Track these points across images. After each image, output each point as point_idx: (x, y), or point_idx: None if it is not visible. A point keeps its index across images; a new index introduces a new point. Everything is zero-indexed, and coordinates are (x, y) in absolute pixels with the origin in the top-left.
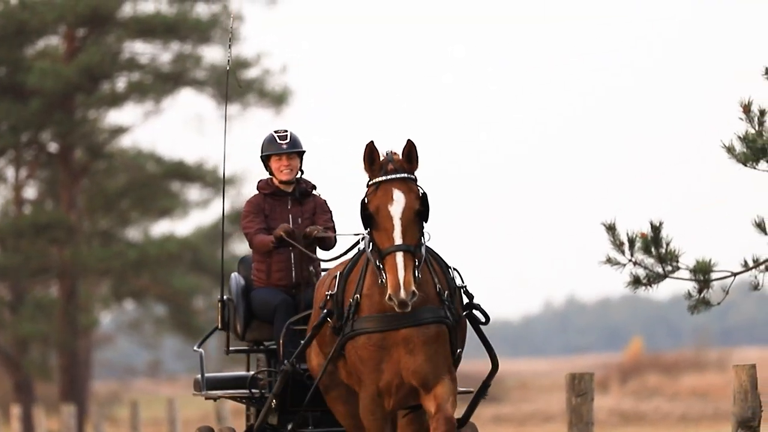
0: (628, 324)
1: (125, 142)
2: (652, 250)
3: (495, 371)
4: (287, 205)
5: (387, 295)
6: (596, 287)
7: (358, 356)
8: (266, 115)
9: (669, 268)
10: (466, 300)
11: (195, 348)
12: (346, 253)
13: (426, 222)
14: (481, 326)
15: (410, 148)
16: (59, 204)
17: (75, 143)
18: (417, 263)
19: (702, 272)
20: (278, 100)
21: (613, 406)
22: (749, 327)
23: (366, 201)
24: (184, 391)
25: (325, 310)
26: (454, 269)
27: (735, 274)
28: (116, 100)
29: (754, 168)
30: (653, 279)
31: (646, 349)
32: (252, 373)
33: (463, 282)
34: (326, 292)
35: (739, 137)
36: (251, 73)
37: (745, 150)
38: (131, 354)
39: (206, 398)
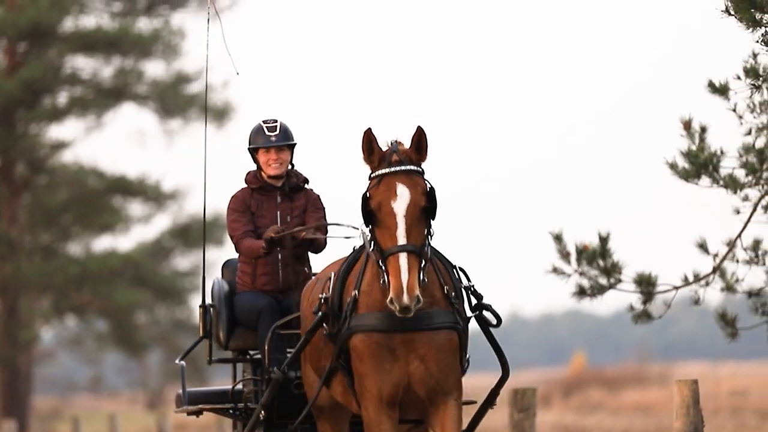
0: (571, 339)
1: (67, 156)
2: (599, 261)
3: (506, 378)
4: (276, 200)
5: (389, 298)
6: (539, 302)
7: (358, 355)
8: (208, 130)
9: (613, 280)
10: (474, 301)
11: (177, 361)
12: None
13: (433, 220)
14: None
15: (420, 137)
16: (0, 219)
17: (16, 158)
18: (422, 264)
19: (645, 285)
20: (220, 114)
21: (555, 421)
22: (690, 342)
23: (367, 195)
24: (126, 406)
25: (320, 313)
26: (460, 269)
27: (677, 288)
28: (58, 114)
29: (696, 183)
30: (597, 290)
31: (589, 364)
32: (234, 383)
33: (469, 281)
34: (320, 295)
35: (682, 153)
36: (193, 88)
37: (686, 166)
38: (72, 369)
39: (188, 413)
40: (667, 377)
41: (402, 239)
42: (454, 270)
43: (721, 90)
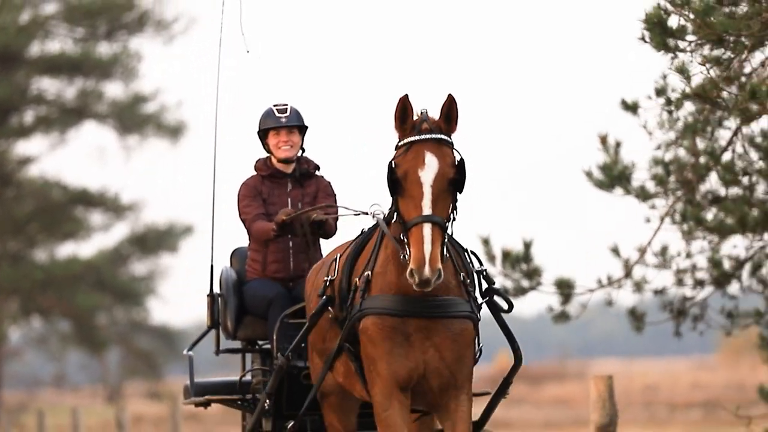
0: (496, 338)
1: (33, 171)
2: (523, 265)
3: (518, 366)
4: (287, 187)
5: (408, 270)
6: None
7: (369, 337)
8: (163, 145)
9: (534, 282)
10: (485, 286)
11: (185, 352)
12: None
13: (460, 193)
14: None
15: (450, 106)
16: None
17: None
18: (445, 239)
19: (563, 288)
20: (174, 132)
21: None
22: (606, 341)
23: (394, 164)
24: (87, 400)
25: (325, 297)
26: (472, 252)
27: (592, 291)
28: (24, 132)
29: (610, 193)
30: (520, 292)
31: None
32: (242, 374)
33: (481, 265)
34: (325, 278)
35: (598, 166)
36: (149, 107)
37: (602, 177)
38: (38, 366)
39: (195, 405)
40: (585, 373)
41: (427, 209)
42: (466, 253)
43: (632, 108)
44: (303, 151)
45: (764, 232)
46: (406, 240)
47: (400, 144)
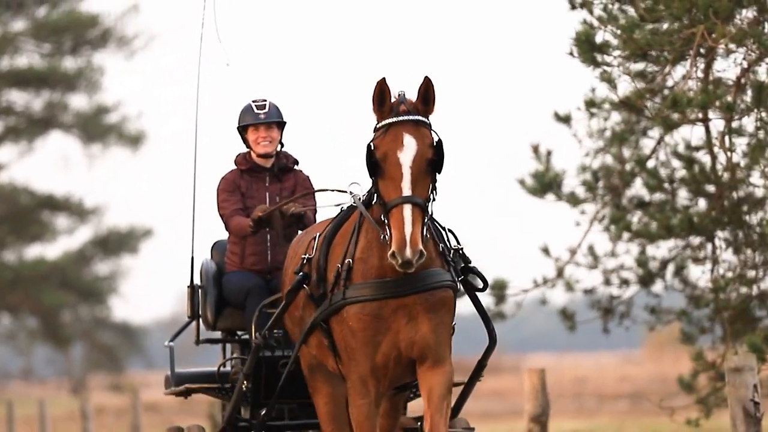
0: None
1: (2, 177)
2: None
3: (493, 347)
4: (265, 182)
5: (390, 252)
6: None
7: (350, 329)
8: (124, 154)
9: None
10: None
11: (166, 343)
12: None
13: (439, 174)
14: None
15: (427, 87)
16: None
17: None
18: (425, 220)
19: (499, 289)
20: (134, 141)
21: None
22: (540, 337)
23: (372, 146)
24: (53, 392)
25: (301, 274)
26: (449, 230)
27: (526, 291)
28: None
29: (542, 199)
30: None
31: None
32: (221, 363)
33: (459, 243)
34: (303, 255)
35: (530, 174)
36: (111, 118)
37: (534, 184)
38: (7, 360)
39: (175, 395)
40: (519, 367)
41: (407, 190)
42: (443, 232)
43: (564, 119)
44: (282, 146)
45: (687, 236)
46: (386, 222)
47: (378, 126)
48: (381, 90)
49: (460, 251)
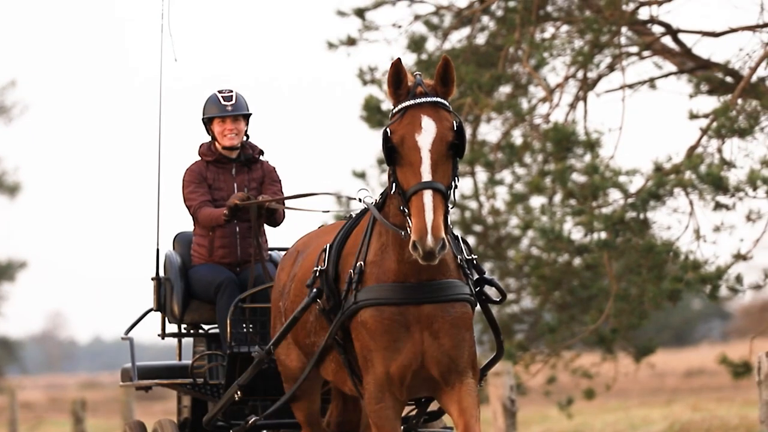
0: None
1: None
2: None
3: (500, 357)
4: (232, 172)
5: (410, 243)
6: None
7: (368, 331)
8: (3, 200)
9: None
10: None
11: (123, 336)
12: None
13: (460, 159)
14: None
15: (446, 68)
16: None
17: None
18: (448, 208)
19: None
20: (11, 190)
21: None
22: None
23: (389, 132)
24: None
25: (315, 290)
26: (463, 240)
27: None
28: None
29: None
30: None
31: None
32: (195, 359)
33: (471, 254)
34: (315, 268)
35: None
36: None
37: None
38: None
39: (137, 388)
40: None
41: (427, 175)
42: (457, 241)
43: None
44: (248, 137)
45: None
46: (407, 211)
47: (394, 110)
48: (396, 71)
49: (474, 261)
